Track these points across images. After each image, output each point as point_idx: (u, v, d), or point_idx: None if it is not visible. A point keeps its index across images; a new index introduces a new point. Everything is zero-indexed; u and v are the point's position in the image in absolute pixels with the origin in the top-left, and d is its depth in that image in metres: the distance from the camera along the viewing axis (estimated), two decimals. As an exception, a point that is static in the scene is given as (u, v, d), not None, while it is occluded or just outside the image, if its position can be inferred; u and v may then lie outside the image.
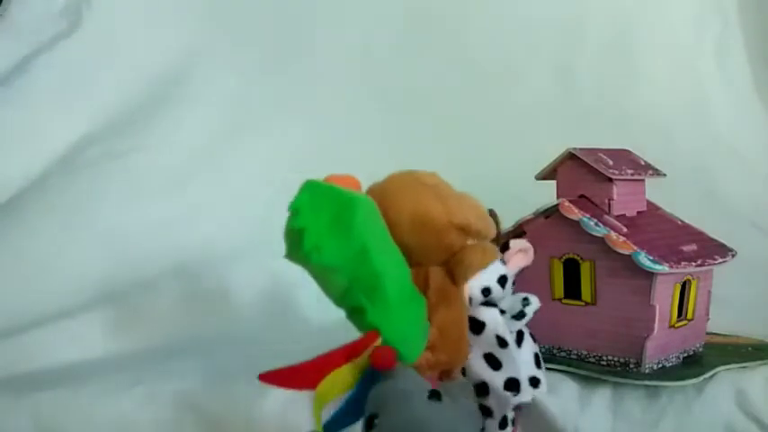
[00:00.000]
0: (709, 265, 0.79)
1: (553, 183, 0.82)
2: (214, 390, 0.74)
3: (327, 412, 0.54)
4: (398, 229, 0.59)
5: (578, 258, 0.78)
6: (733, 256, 0.83)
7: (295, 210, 0.55)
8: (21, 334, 0.84)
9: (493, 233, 0.62)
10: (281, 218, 1.12)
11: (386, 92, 1.30)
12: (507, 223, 0.70)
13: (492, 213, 0.64)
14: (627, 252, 0.72)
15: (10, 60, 1.14)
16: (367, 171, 0.78)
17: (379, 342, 0.54)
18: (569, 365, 0.78)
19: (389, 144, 1.21)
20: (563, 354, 0.81)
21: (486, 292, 0.65)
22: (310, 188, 0.56)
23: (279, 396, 0.74)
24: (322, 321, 0.98)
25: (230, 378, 0.76)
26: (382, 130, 1.26)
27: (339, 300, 0.57)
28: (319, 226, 0.54)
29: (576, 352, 0.80)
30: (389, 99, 1.30)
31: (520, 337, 0.67)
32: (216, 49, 1.25)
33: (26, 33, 1.17)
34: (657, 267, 0.72)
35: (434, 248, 0.60)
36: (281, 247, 1.07)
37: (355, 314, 0.57)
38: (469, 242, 0.61)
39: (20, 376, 0.79)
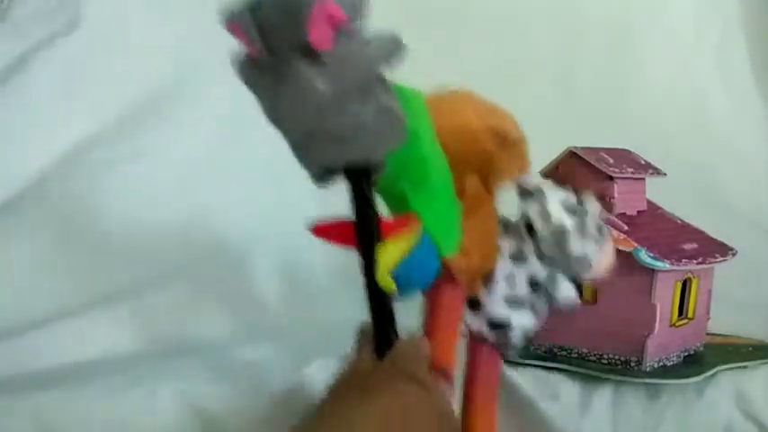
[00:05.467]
0: (710, 263, 0.79)
1: (553, 182, 0.82)
2: (214, 390, 0.74)
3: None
4: (438, 136, 0.59)
5: (579, 257, 0.78)
6: (733, 255, 0.83)
7: None
8: (21, 334, 0.84)
9: (525, 144, 0.63)
10: (283, 218, 1.12)
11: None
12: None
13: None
14: (628, 249, 0.73)
15: (7, 59, 1.14)
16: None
17: (416, 226, 0.53)
18: (570, 364, 0.78)
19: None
20: (564, 353, 0.81)
21: (568, 208, 0.62)
22: None
23: (279, 396, 0.74)
24: (328, 322, 0.98)
25: (230, 378, 0.76)
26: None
27: (382, 186, 0.55)
28: None
29: (576, 351, 0.80)
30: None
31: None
32: (218, 47, 1.24)
33: (23, 31, 1.16)
34: (658, 264, 0.72)
35: (471, 154, 0.60)
36: (280, 247, 1.07)
37: (397, 203, 0.56)
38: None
39: (20, 376, 0.78)
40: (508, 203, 0.65)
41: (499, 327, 0.64)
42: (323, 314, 1.00)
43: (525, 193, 0.63)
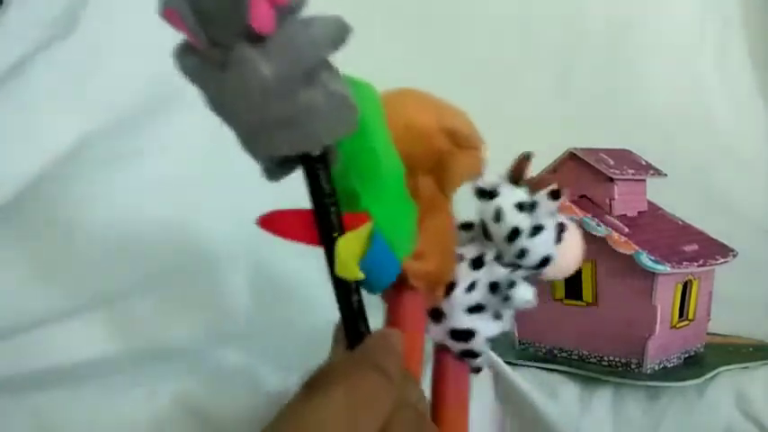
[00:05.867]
0: (711, 265, 0.79)
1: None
2: (214, 390, 0.74)
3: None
4: (392, 137, 0.57)
5: (579, 258, 0.78)
6: (734, 256, 0.83)
7: None
8: (21, 334, 0.84)
9: (480, 143, 0.60)
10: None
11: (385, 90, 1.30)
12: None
13: (527, 157, 0.62)
14: (628, 252, 0.72)
15: (6, 61, 1.13)
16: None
17: (369, 225, 0.50)
18: (570, 366, 0.78)
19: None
20: (564, 354, 0.81)
21: (521, 206, 0.59)
22: None
23: (276, 397, 0.74)
24: (318, 322, 0.98)
25: (230, 378, 0.76)
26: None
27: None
28: None
29: (577, 352, 0.80)
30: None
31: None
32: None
33: (22, 33, 1.16)
34: (659, 267, 0.72)
35: (423, 154, 0.59)
36: (278, 249, 1.07)
37: (347, 200, 0.52)
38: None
39: (20, 376, 0.78)
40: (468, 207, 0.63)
41: (462, 336, 0.62)
42: (319, 317, 1.00)
43: (482, 194, 0.61)
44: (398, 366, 0.45)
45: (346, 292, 0.47)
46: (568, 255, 0.61)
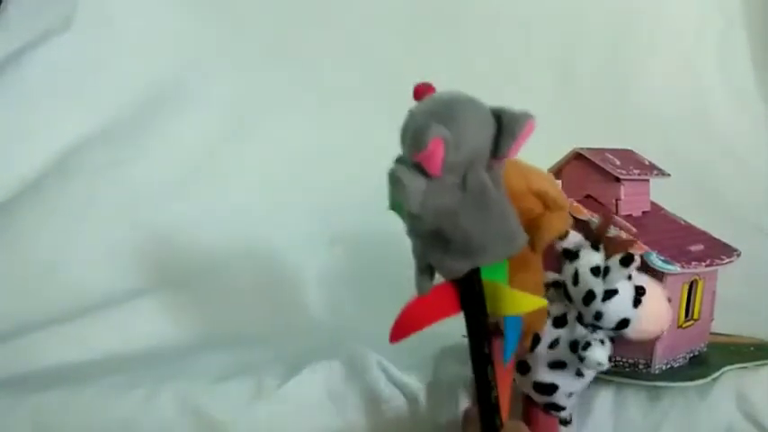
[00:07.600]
0: (717, 265, 0.79)
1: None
2: (214, 391, 0.74)
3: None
4: None
5: (586, 258, 0.77)
6: (738, 256, 0.83)
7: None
8: (21, 335, 0.84)
9: (567, 204, 0.66)
10: (280, 221, 1.11)
11: (386, 92, 1.30)
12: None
13: (608, 216, 0.67)
14: (638, 253, 0.72)
15: (1, 56, 1.13)
16: (368, 171, 0.78)
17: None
18: (576, 366, 0.77)
19: (391, 144, 1.21)
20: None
21: (595, 271, 0.63)
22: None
23: (278, 396, 0.73)
24: (316, 323, 0.98)
25: (230, 379, 0.75)
26: (383, 131, 1.25)
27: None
28: None
29: (582, 353, 0.79)
30: (390, 99, 1.29)
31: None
32: (215, 47, 1.24)
33: (18, 26, 1.15)
34: (669, 267, 0.71)
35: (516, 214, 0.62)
36: (277, 250, 1.07)
37: None
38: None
39: (20, 376, 0.78)
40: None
41: (545, 390, 0.67)
42: (318, 318, 1.00)
43: (567, 255, 0.65)
44: None
45: (487, 389, 0.52)
46: (649, 317, 0.65)
